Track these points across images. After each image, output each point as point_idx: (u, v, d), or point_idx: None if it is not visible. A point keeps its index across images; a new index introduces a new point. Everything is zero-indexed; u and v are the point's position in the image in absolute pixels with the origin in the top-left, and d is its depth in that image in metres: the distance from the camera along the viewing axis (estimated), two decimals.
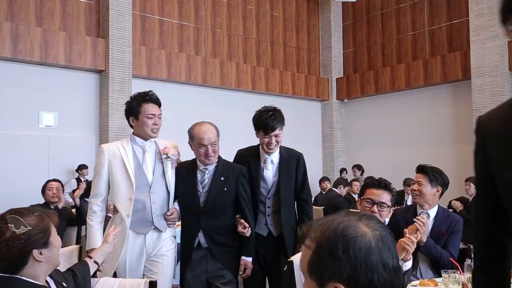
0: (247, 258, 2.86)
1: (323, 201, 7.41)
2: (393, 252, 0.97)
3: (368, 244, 0.94)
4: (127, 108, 2.78)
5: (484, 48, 8.66)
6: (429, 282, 2.46)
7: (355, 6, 11.42)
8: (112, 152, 2.70)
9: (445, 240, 2.91)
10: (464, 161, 8.96)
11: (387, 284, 0.93)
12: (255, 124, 3.10)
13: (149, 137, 2.76)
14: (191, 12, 9.88)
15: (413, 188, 3.05)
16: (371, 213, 2.44)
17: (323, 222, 1.01)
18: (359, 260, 0.93)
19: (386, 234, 0.99)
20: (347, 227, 0.97)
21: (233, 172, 2.88)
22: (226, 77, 9.98)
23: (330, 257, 0.95)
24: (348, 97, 11.58)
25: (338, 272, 0.94)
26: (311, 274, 0.99)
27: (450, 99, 9.71)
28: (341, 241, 0.95)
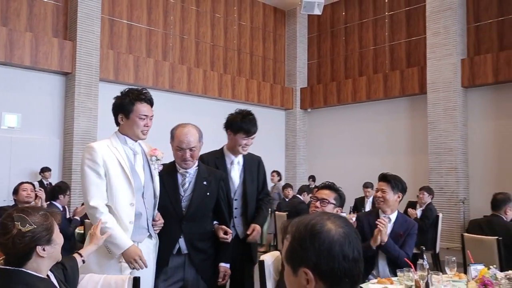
0: (226, 265, 2.79)
1: (287, 207, 7.63)
2: (354, 246, 1.16)
3: (331, 238, 1.14)
4: (118, 104, 2.52)
5: (439, 65, 9.19)
6: (385, 280, 2.72)
7: (320, 19, 11.81)
8: (105, 152, 2.43)
9: (402, 241, 3.23)
10: (418, 170, 9.46)
11: (346, 272, 1.14)
12: (236, 126, 3.07)
13: (138, 139, 2.56)
14: (160, 17, 9.95)
15: (377, 195, 3.33)
16: (339, 214, 2.68)
17: (299, 219, 1.22)
18: (322, 251, 1.13)
19: (350, 231, 1.19)
20: (316, 224, 1.16)
21: (215, 176, 2.83)
22: (193, 84, 10.10)
23: (300, 247, 1.16)
24: (311, 107, 11.93)
25: (306, 259, 1.14)
26: (288, 261, 1.21)
27: (407, 112, 10.21)
28: (309, 234, 1.15)
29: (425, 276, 2.48)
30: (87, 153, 2.44)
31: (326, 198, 2.92)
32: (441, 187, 8.90)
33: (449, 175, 8.96)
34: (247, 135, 3.07)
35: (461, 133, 9.00)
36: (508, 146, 8.69)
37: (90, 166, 2.40)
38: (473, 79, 8.93)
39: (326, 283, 1.14)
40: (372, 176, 8.58)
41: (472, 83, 8.96)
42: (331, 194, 2.96)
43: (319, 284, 1.14)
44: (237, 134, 3.08)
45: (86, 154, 2.44)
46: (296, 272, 1.17)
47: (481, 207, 8.52)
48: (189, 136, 2.67)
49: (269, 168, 3.32)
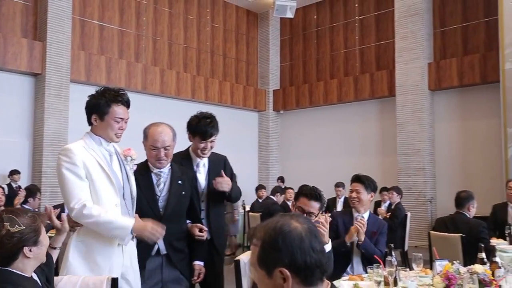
0: (201, 263, 2.81)
1: (260, 208, 7.72)
2: (318, 239, 1.29)
3: (299, 235, 1.25)
4: (92, 104, 2.41)
5: (407, 68, 9.47)
6: (356, 277, 2.83)
7: (292, 22, 11.97)
8: (83, 153, 2.32)
9: (375, 239, 3.41)
10: (388, 170, 9.71)
11: (317, 263, 1.25)
12: (192, 129, 3.06)
13: (111, 141, 2.46)
14: (132, 19, 9.89)
15: (352, 196, 3.49)
16: (298, 213, 2.79)
17: (264, 224, 1.32)
18: (294, 247, 1.23)
19: (312, 226, 1.31)
20: (283, 225, 1.27)
21: (187, 175, 2.84)
22: (166, 85, 10.08)
23: (273, 249, 1.25)
24: (284, 109, 12.07)
25: (280, 259, 1.23)
26: (261, 266, 1.29)
27: (377, 114, 10.47)
28: (280, 235, 1.25)
29: (393, 272, 2.60)
30: (64, 156, 2.30)
31: (313, 212, 2.91)
32: (409, 187, 9.17)
33: (417, 175, 9.24)
34: (202, 139, 3.02)
35: (428, 135, 9.30)
36: (473, 147, 9.03)
37: (70, 169, 2.27)
38: (439, 82, 9.24)
39: (301, 277, 1.24)
40: (343, 177, 8.81)
41: (439, 86, 9.28)
42: (317, 205, 2.95)
43: (295, 279, 1.23)
44: (195, 137, 3.06)
45: (63, 157, 2.30)
46: (271, 274, 1.26)
47: (448, 206, 8.80)
48: (164, 135, 2.64)
49: (242, 169, 3.34)
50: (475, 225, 4.02)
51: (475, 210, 4.27)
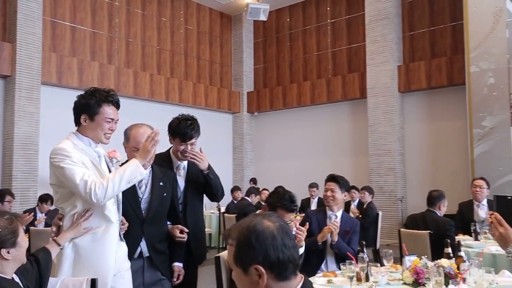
0: (180, 264, 2.81)
1: (235, 209, 7.78)
2: (290, 235, 1.38)
3: (272, 233, 1.33)
4: (82, 104, 2.37)
5: (378, 71, 9.71)
6: (330, 274, 2.94)
7: (265, 24, 12.08)
8: (77, 152, 2.28)
9: (348, 238, 3.54)
10: (360, 171, 9.92)
11: (290, 258, 1.34)
12: (172, 131, 3.04)
13: (100, 142, 2.41)
14: (104, 20, 9.80)
15: (327, 195, 3.62)
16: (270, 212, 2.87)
17: (238, 224, 1.40)
18: (267, 245, 1.32)
19: (284, 224, 1.40)
20: (256, 224, 1.35)
21: (168, 177, 2.82)
22: (140, 87, 10.02)
23: (248, 247, 1.32)
24: (258, 111, 12.17)
25: (255, 257, 1.32)
26: (237, 264, 1.37)
27: (349, 115, 10.68)
28: (254, 234, 1.33)
29: (365, 268, 2.71)
30: (60, 155, 2.24)
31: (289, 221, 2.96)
32: (380, 187, 9.39)
33: (388, 175, 9.47)
34: (182, 141, 2.99)
35: (399, 135, 9.55)
36: (441, 147, 9.32)
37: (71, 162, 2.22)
38: (409, 84, 9.51)
39: (275, 272, 1.32)
40: (317, 177, 8.96)
41: (408, 88, 9.54)
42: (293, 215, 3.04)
43: (270, 275, 1.32)
44: (175, 139, 3.05)
45: (58, 156, 2.24)
46: (247, 271, 1.33)
47: (418, 204, 9.09)
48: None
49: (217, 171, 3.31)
50: (443, 223, 4.20)
51: (445, 209, 4.46)
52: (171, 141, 3.11)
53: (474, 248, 4.17)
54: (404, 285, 2.72)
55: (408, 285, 2.70)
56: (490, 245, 4.18)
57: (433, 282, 2.38)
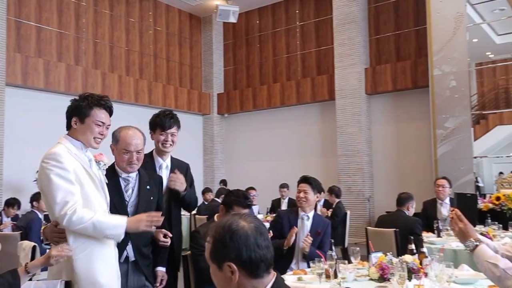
0: (163, 268, 2.82)
1: (206, 210, 7.81)
2: (264, 236, 1.45)
3: (246, 233, 1.41)
4: (74, 107, 2.38)
5: (346, 73, 9.92)
6: (300, 271, 3.02)
7: (235, 26, 12.14)
8: (71, 158, 2.25)
9: (320, 239, 3.64)
10: (329, 171, 10.10)
11: (262, 258, 1.41)
12: (152, 123, 3.11)
13: (90, 146, 2.38)
14: (71, 20, 9.64)
15: (300, 196, 3.71)
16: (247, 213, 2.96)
17: (216, 223, 1.48)
18: (240, 244, 1.39)
19: (259, 224, 1.47)
20: (232, 224, 1.42)
21: (155, 180, 2.82)
22: (108, 89, 9.90)
23: (222, 245, 1.40)
24: (228, 112, 12.21)
25: (228, 254, 1.40)
26: (213, 260, 1.45)
27: (318, 117, 10.86)
28: (228, 233, 1.41)
29: (333, 265, 2.81)
30: (53, 161, 2.19)
31: None
32: (349, 187, 9.60)
33: (356, 175, 9.69)
34: (163, 130, 3.07)
35: (366, 136, 9.79)
36: (406, 148, 9.61)
37: (60, 175, 2.16)
38: (375, 86, 9.76)
39: (247, 270, 1.40)
40: (287, 178, 9.10)
41: (375, 91, 9.79)
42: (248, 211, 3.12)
43: (242, 272, 1.39)
44: (155, 131, 3.11)
45: (51, 161, 2.19)
46: (221, 268, 1.41)
47: (384, 203, 9.35)
48: (136, 138, 2.63)
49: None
50: (411, 222, 4.42)
51: (413, 210, 4.67)
52: (153, 137, 3.13)
53: (436, 244, 4.36)
54: (371, 281, 2.83)
55: (374, 280, 2.81)
56: (451, 241, 4.37)
57: (397, 277, 2.50)
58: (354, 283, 2.79)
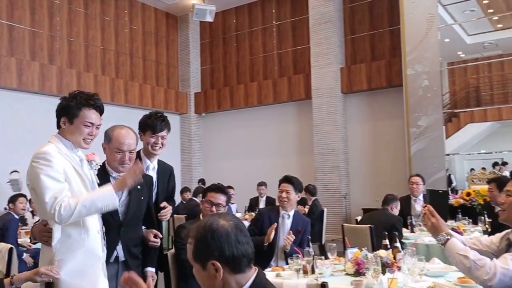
0: (153, 269, 2.81)
1: (184, 210, 7.80)
2: (244, 232, 1.51)
3: (226, 231, 1.46)
4: (62, 106, 2.32)
5: (322, 72, 10.05)
6: (278, 268, 3.09)
7: (212, 26, 12.14)
8: (61, 158, 2.22)
9: (301, 238, 3.69)
10: (305, 169, 10.22)
11: (243, 253, 1.47)
12: (143, 124, 3.07)
13: (79, 147, 2.35)
14: (44, 19, 9.48)
15: (282, 196, 3.75)
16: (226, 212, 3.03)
17: (197, 225, 1.52)
18: (222, 242, 1.45)
19: (238, 222, 1.53)
20: (212, 223, 1.47)
21: (146, 180, 2.76)
22: (84, 88, 9.71)
23: (204, 245, 1.45)
24: (205, 111, 12.21)
25: (211, 253, 1.44)
26: (196, 260, 1.49)
27: (295, 116, 10.97)
28: (209, 232, 1.46)
29: (311, 261, 2.88)
30: (43, 160, 2.16)
31: (221, 203, 3.17)
32: (325, 185, 9.74)
33: (332, 173, 9.84)
34: (153, 132, 3.04)
35: (342, 135, 9.94)
36: (381, 146, 9.80)
37: (49, 175, 2.14)
38: (351, 86, 9.92)
39: (231, 266, 1.46)
40: (264, 176, 9.17)
41: (350, 90, 9.95)
42: (224, 197, 3.22)
43: (226, 269, 1.45)
44: (146, 133, 3.07)
45: (40, 160, 2.16)
46: (205, 267, 1.46)
47: (360, 200, 9.54)
48: (130, 138, 2.60)
49: None
50: (393, 219, 4.56)
51: (397, 212, 4.82)
52: (142, 138, 3.10)
53: (410, 239, 4.50)
54: (347, 276, 2.91)
55: (350, 275, 2.89)
56: (424, 236, 4.52)
57: (372, 271, 2.59)
58: (330, 278, 2.86)
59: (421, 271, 2.65)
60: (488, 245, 2.42)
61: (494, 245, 2.40)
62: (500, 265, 2.04)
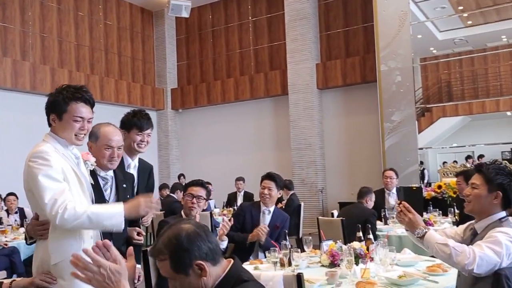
0: (138, 266, 2.80)
1: (162, 206, 7.81)
2: (205, 228, 1.62)
3: (194, 231, 1.56)
4: (50, 103, 2.22)
5: (298, 68, 10.16)
6: (256, 261, 3.17)
7: (188, 21, 12.10)
8: (58, 157, 2.15)
9: (278, 232, 3.80)
10: (283, 164, 10.34)
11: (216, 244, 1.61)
12: (128, 123, 3.07)
13: (72, 144, 2.26)
14: (16, 14, 9.29)
15: (264, 192, 3.85)
16: (186, 218, 3.17)
17: (161, 242, 1.58)
18: (197, 241, 1.55)
19: (199, 224, 1.63)
20: (177, 231, 1.56)
21: (129, 179, 2.81)
22: (58, 85, 9.45)
23: (183, 251, 1.53)
24: (182, 107, 12.18)
25: (193, 255, 1.53)
26: (178, 271, 1.55)
27: (272, 111, 11.07)
28: (182, 239, 1.53)
29: (287, 254, 2.97)
30: (40, 159, 2.07)
31: (201, 195, 3.33)
32: (302, 179, 9.88)
33: (309, 168, 9.98)
34: (140, 130, 3.06)
35: (318, 130, 10.09)
36: (356, 140, 9.99)
37: (48, 173, 2.06)
38: (326, 81, 10.06)
39: (211, 260, 1.57)
40: (243, 172, 9.26)
41: (326, 85, 10.10)
42: (204, 191, 3.37)
43: (208, 264, 1.55)
44: (131, 131, 3.07)
45: (38, 160, 2.07)
46: (189, 272, 1.54)
47: (337, 194, 9.71)
48: (117, 135, 2.60)
49: None
50: (367, 213, 4.72)
51: (371, 203, 4.96)
52: (125, 135, 3.06)
53: (383, 231, 4.65)
54: (322, 267, 3.02)
55: (326, 266, 3.00)
56: (397, 228, 4.67)
57: (345, 262, 2.69)
58: (306, 270, 2.96)
59: (392, 261, 2.78)
60: (453, 236, 2.54)
61: (459, 236, 2.53)
62: (478, 250, 2.16)
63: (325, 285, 2.58)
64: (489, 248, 2.16)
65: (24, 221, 6.18)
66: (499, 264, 2.14)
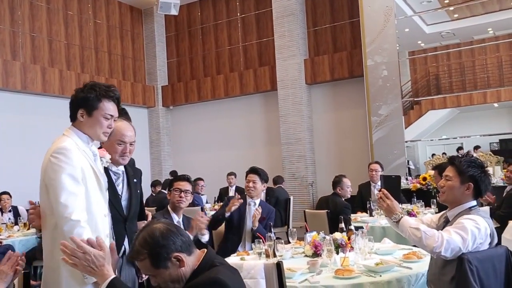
0: None
1: (154, 202, 7.94)
2: (176, 227, 1.79)
3: (166, 228, 1.75)
4: (80, 98, 2.20)
5: (286, 64, 10.29)
6: (243, 253, 3.32)
7: (177, 19, 12.16)
8: (79, 154, 2.13)
9: (265, 224, 4.04)
10: (273, 159, 10.49)
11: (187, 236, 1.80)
12: None
13: (98, 140, 2.28)
14: (5, 14, 9.33)
15: (249, 186, 4.10)
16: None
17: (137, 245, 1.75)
18: (170, 236, 1.73)
19: (168, 222, 1.82)
20: (151, 231, 1.74)
21: (137, 173, 2.82)
22: (49, 84, 9.71)
23: (160, 247, 1.71)
24: (173, 104, 12.28)
25: (169, 249, 1.72)
26: (158, 267, 1.72)
27: (261, 107, 11.20)
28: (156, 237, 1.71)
29: (272, 245, 3.12)
30: (63, 156, 2.05)
31: (188, 189, 3.52)
32: (292, 174, 10.04)
33: (299, 162, 10.14)
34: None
35: (307, 125, 10.24)
36: (345, 134, 10.15)
37: (69, 173, 2.04)
38: (314, 77, 10.20)
39: (186, 250, 1.75)
40: (234, 167, 9.40)
41: (314, 81, 10.24)
42: (189, 186, 3.57)
43: (184, 255, 1.73)
44: None
45: (61, 157, 2.05)
46: (167, 265, 1.71)
47: (326, 188, 9.79)
48: (130, 130, 2.61)
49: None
50: (340, 205, 4.88)
51: (347, 191, 5.10)
52: None
53: (368, 222, 4.80)
54: (306, 257, 3.17)
55: (309, 256, 3.15)
56: (381, 219, 4.84)
57: (325, 252, 2.85)
58: (290, 260, 3.12)
59: (370, 250, 2.94)
60: (428, 223, 2.71)
61: (434, 223, 2.70)
62: (446, 234, 2.35)
63: (306, 273, 2.74)
64: (456, 233, 2.33)
65: (18, 220, 6.29)
66: (464, 248, 2.30)
